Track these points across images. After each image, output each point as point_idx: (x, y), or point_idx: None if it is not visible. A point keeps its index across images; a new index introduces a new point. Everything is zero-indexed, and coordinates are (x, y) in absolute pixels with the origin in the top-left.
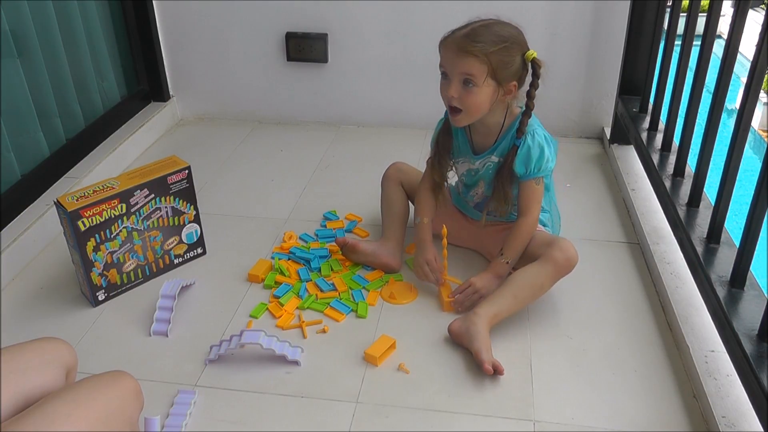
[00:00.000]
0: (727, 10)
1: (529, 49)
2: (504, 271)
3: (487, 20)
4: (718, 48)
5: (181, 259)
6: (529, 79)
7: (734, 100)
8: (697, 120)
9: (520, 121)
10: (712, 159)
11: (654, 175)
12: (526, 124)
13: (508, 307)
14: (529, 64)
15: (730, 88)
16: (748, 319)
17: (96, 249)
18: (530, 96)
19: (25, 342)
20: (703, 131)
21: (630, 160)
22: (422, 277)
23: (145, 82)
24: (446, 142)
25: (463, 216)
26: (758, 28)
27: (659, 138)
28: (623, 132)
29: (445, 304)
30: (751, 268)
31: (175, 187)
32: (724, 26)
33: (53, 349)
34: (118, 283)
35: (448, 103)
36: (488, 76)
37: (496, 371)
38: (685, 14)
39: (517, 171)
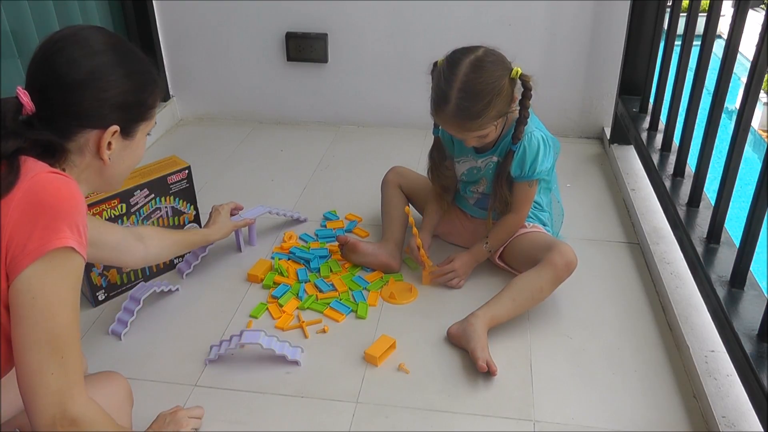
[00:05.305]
0: (727, 10)
1: (512, 69)
2: (483, 257)
3: (459, 73)
4: (718, 48)
5: (181, 259)
6: (520, 89)
7: (734, 100)
8: (697, 120)
9: (515, 129)
10: (712, 159)
11: (654, 175)
12: (521, 131)
13: (507, 310)
14: (518, 80)
15: (730, 88)
16: (748, 319)
17: None
18: (524, 106)
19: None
20: (703, 131)
21: (630, 160)
22: (411, 257)
23: None
24: (439, 155)
25: (464, 215)
26: (758, 28)
27: (659, 138)
28: (623, 132)
29: (424, 278)
30: (751, 268)
31: (175, 187)
32: (724, 26)
33: (118, 395)
34: (118, 283)
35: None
36: (494, 121)
37: (489, 370)
38: (685, 14)
39: (512, 173)
